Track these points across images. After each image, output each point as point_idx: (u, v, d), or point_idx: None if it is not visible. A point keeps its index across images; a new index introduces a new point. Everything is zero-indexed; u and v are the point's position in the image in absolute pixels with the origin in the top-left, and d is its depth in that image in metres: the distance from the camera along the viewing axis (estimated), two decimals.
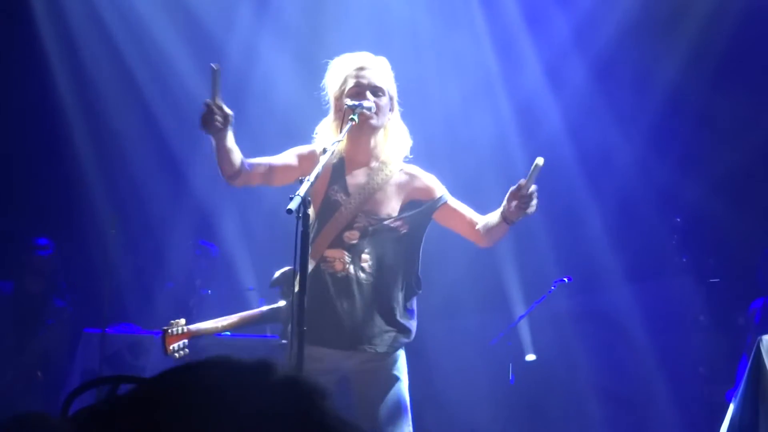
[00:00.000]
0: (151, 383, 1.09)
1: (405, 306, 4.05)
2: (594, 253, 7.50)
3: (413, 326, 4.07)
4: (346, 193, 4.04)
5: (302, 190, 3.50)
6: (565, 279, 6.61)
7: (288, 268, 3.79)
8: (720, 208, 7.41)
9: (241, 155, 3.90)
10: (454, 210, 4.11)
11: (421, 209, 4.08)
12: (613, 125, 7.54)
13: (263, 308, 4.14)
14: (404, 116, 4.19)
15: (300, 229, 3.52)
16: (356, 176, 4.08)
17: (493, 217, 3.95)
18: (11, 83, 7.90)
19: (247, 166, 3.94)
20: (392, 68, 4.14)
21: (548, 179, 7.44)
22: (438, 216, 4.13)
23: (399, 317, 4.01)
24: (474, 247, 4.21)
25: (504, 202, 3.87)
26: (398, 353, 4.04)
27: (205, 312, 5.14)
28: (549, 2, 7.70)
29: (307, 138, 4.18)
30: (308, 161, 3.97)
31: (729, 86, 7.38)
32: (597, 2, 7.56)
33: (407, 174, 4.12)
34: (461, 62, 7.64)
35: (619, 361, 7.56)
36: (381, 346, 3.97)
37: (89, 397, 1.60)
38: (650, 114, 7.61)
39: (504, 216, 3.88)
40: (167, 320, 4.00)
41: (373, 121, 4.00)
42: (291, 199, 3.49)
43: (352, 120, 3.87)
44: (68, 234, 7.67)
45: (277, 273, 4.00)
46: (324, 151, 3.83)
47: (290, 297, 3.85)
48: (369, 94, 3.99)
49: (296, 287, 3.65)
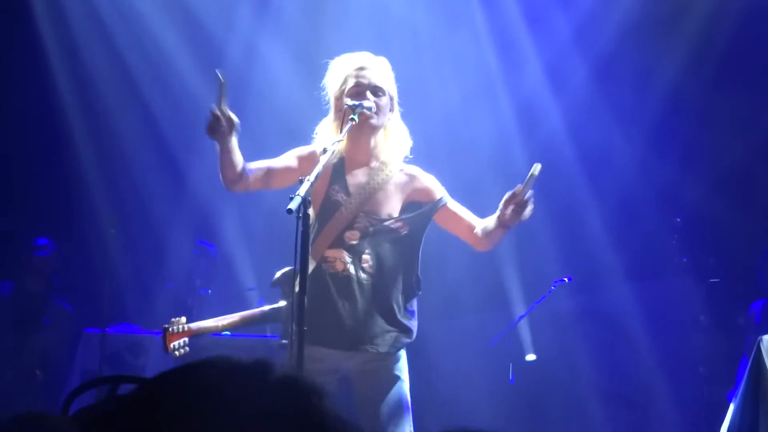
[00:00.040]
0: (151, 383, 1.09)
1: (405, 306, 4.05)
2: (594, 253, 7.50)
3: (414, 326, 4.07)
4: (347, 193, 4.03)
5: (302, 190, 3.50)
6: (566, 279, 6.60)
7: (289, 268, 3.78)
8: (720, 208, 7.41)
9: (243, 161, 3.89)
10: (453, 212, 4.11)
11: (422, 211, 4.07)
12: (614, 125, 7.54)
13: (264, 308, 4.14)
14: (404, 116, 4.18)
15: (300, 229, 3.52)
16: (356, 176, 4.07)
17: (491, 222, 3.95)
18: (11, 83, 7.90)
19: (247, 172, 3.93)
20: (392, 68, 4.14)
21: (548, 179, 7.44)
22: (437, 218, 4.12)
23: (400, 317, 4.01)
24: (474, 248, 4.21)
25: (500, 207, 3.87)
26: (400, 353, 4.04)
27: (205, 312, 5.13)
28: (549, 2, 7.69)
29: (308, 138, 4.18)
30: (308, 162, 3.97)
31: (729, 86, 7.38)
32: (597, 2, 7.55)
33: (407, 174, 4.12)
34: (461, 62, 7.64)
35: (620, 361, 7.56)
36: (383, 347, 3.97)
37: (89, 397, 1.60)
38: (650, 114, 7.61)
39: (500, 221, 3.88)
40: (167, 320, 3.99)
41: (373, 121, 4.00)
42: (291, 199, 3.49)
43: (353, 120, 3.86)
44: (68, 234, 7.67)
45: (278, 273, 4.00)
46: (324, 151, 3.83)
47: (291, 297, 3.84)
48: (369, 94, 3.99)
49: (296, 287, 3.65)
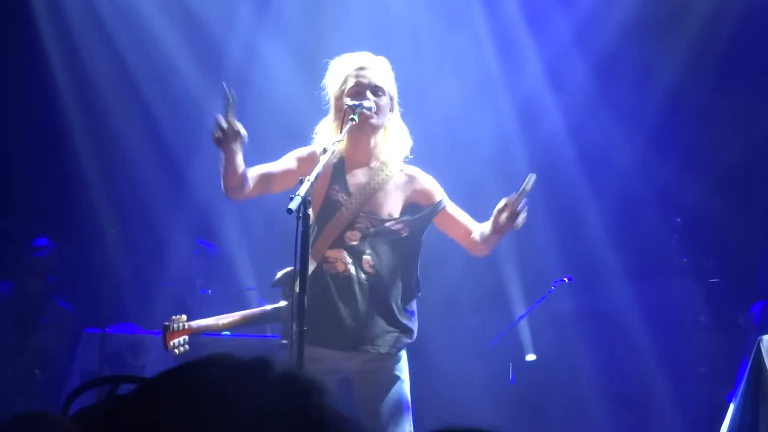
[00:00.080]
0: (152, 383, 1.09)
1: (405, 307, 4.05)
2: (594, 253, 7.50)
3: (415, 327, 4.06)
4: (347, 193, 4.03)
5: (302, 190, 3.50)
6: (566, 279, 6.60)
7: (290, 268, 3.78)
8: (720, 208, 7.40)
9: (245, 171, 3.89)
10: (452, 216, 4.11)
11: (422, 214, 4.07)
12: (614, 125, 7.53)
13: (265, 307, 4.13)
14: (404, 116, 4.18)
15: (300, 229, 3.52)
16: (357, 176, 4.06)
17: (486, 227, 3.96)
18: (11, 83, 7.90)
19: (248, 180, 3.93)
20: (392, 68, 4.13)
21: (548, 179, 7.47)
22: (435, 220, 4.13)
23: (400, 318, 4.00)
24: None
25: (493, 214, 3.88)
26: (401, 354, 4.04)
27: (205, 312, 5.12)
28: (549, 2, 7.69)
29: (307, 138, 4.17)
30: (307, 163, 3.95)
31: (729, 86, 7.38)
32: (597, 2, 7.55)
33: (407, 175, 4.11)
34: (461, 62, 7.63)
35: (620, 361, 7.56)
36: (383, 347, 3.96)
37: (89, 397, 1.59)
38: (651, 114, 7.60)
39: (494, 227, 3.89)
40: (167, 320, 3.99)
41: (374, 121, 3.99)
42: (291, 199, 3.49)
43: (353, 120, 3.86)
44: (68, 234, 7.67)
45: (280, 273, 3.99)
46: (324, 151, 3.82)
47: (292, 297, 3.84)
48: (369, 94, 3.98)
49: (297, 288, 3.65)
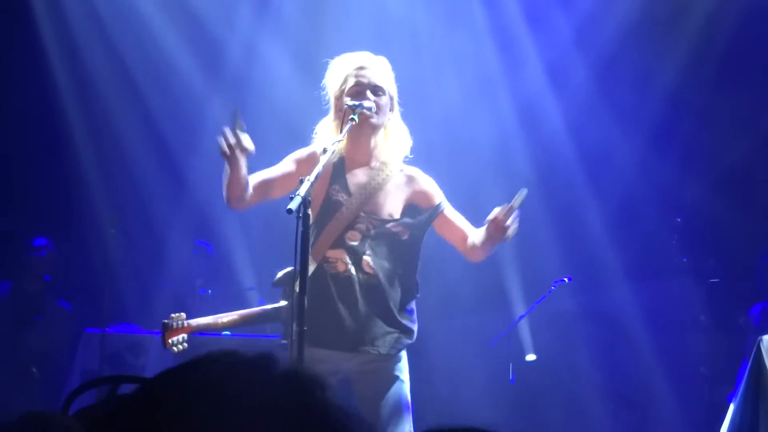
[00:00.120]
0: (153, 382, 1.08)
1: (405, 308, 4.05)
2: (594, 253, 7.50)
3: (415, 328, 4.06)
4: (348, 193, 4.03)
5: (302, 190, 3.50)
6: (566, 279, 6.60)
7: (291, 268, 3.78)
8: (720, 208, 7.40)
9: (248, 181, 3.89)
10: (449, 220, 4.11)
11: (422, 218, 4.07)
12: (614, 125, 7.53)
13: (265, 307, 4.13)
14: (404, 116, 4.18)
15: (300, 229, 3.52)
16: (357, 176, 4.06)
17: (482, 233, 3.97)
18: (11, 83, 7.89)
19: (250, 190, 3.93)
20: (392, 68, 4.13)
21: (549, 179, 7.48)
22: (433, 223, 4.13)
23: (400, 318, 4.00)
24: None
25: (486, 222, 3.89)
26: (401, 354, 4.04)
27: (205, 312, 5.12)
28: (550, 2, 7.69)
29: (307, 137, 4.17)
30: (307, 164, 3.94)
31: (729, 86, 7.38)
32: (598, 2, 7.55)
33: (407, 176, 4.11)
34: (461, 62, 7.63)
35: (620, 361, 7.56)
36: (383, 348, 3.96)
37: (89, 397, 1.59)
38: (651, 114, 7.60)
39: (487, 234, 3.91)
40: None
41: (374, 121, 3.99)
42: (291, 199, 3.49)
43: (353, 120, 3.86)
44: (68, 234, 7.67)
45: (280, 273, 3.99)
46: (324, 151, 3.82)
47: (292, 297, 3.84)
48: (369, 93, 3.98)
49: (297, 288, 3.65)
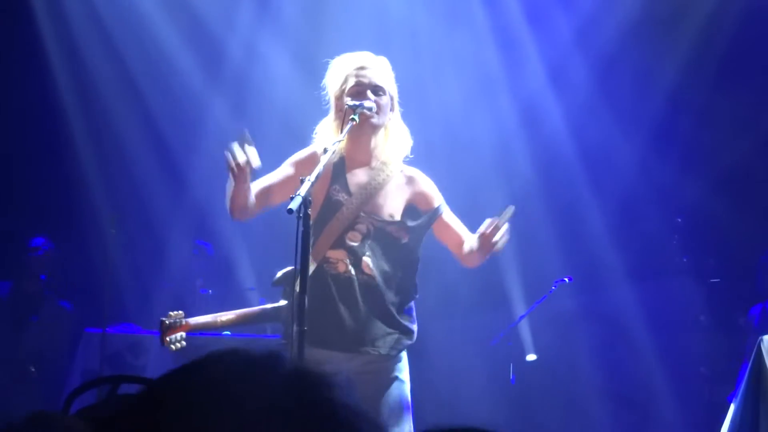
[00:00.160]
0: (158, 382, 1.08)
1: (405, 309, 4.05)
2: (595, 253, 7.50)
3: (415, 328, 4.06)
4: (348, 193, 4.02)
5: (303, 190, 3.50)
6: (566, 279, 6.60)
7: (291, 268, 3.78)
8: (721, 208, 7.40)
9: (251, 193, 3.89)
10: (447, 224, 4.11)
11: (421, 221, 4.07)
12: (614, 125, 7.53)
13: (265, 306, 4.13)
14: (405, 116, 4.17)
15: (300, 229, 3.52)
16: (357, 175, 4.06)
17: (475, 241, 3.97)
18: (11, 83, 7.89)
19: (253, 201, 3.93)
20: (393, 68, 4.13)
21: (549, 179, 7.47)
22: (432, 226, 4.13)
23: (400, 319, 4.00)
24: None
25: (477, 233, 3.90)
26: (401, 355, 4.04)
27: (205, 312, 5.13)
28: (550, 2, 7.69)
29: (308, 138, 4.17)
30: (307, 165, 3.93)
31: (730, 86, 7.38)
32: (598, 2, 7.55)
33: (407, 176, 4.11)
34: (462, 62, 7.63)
35: (620, 361, 7.56)
36: (384, 348, 3.96)
37: (90, 397, 1.59)
38: (651, 114, 7.60)
39: (479, 244, 3.92)
40: None
41: (374, 120, 3.98)
42: (292, 199, 3.49)
43: (353, 120, 3.86)
44: (68, 234, 7.67)
45: (280, 273, 3.99)
46: (325, 151, 3.82)
47: (292, 297, 3.84)
48: (370, 93, 3.97)
49: (297, 288, 3.65)
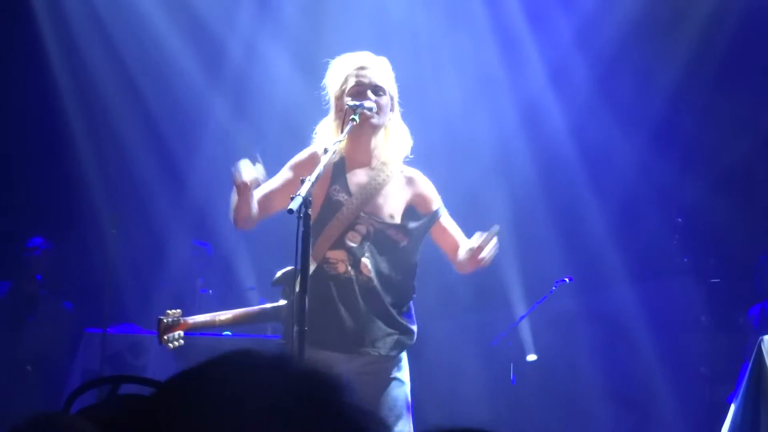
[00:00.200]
0: (164, 384, 1.08)
1: (404, 309, 4.05)
2: (595, 253, 7.50)
3: (414, 329, 4.06)
4: (348, 193, 4.02)
5: (303, 190, 3.50)
6: (566, 279, 6.60)
7: (290, 268, 3.78)
8: (721, 209, 7.40)
9: (255, 203, 3.90)
10: (444, 228, 4.11)
11: (420, 224, 4.07)
12: (615, 125, 7.53)
13: (264, 306, 4.12)
14: (405, 116, 4.17)
15: (301, 229, 3.52)
16: (357, 176, 4.06)
17: (464, 254, 3.98)
18: (11, 83, 7.89)
19: (256, 209, 3.94)
20: (393, 69, 4.13)
21: (549, 179, 7.47)
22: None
23: (400, 320, 4.00)
24: None
25: (466, 250, 3.91)
26: (401, 356, 4.04)
27: (205, 312, 5.13)
28: (551, 2, 7.69)
29: (308, 138, 4.17)
30: (307, 165, 3.92)
31: (730, 86, 7.38)
32: (599, 2, 7.55)
33: (407, 177, 4.11)
34: (462, 62, 7.63)
35: (621, 361, 7.56)
36: (384, 349, 3.96)
37: (90, 397, 1.58)
38: (651, 114, 7.61)
39: (470, 257, 3.93)
40: None
41: (374, 121, 3.98)
42: (292, 199, 3.49)
43: (353, 120, 3.85)
44: (68, 234, 7.67)
45: (280, 272, 3.99)
46: (325, 151, 3.82)
47: (291, 297, 3.83)
48: (370, 94, 3.97)
49: (297, 288, 3.64)
